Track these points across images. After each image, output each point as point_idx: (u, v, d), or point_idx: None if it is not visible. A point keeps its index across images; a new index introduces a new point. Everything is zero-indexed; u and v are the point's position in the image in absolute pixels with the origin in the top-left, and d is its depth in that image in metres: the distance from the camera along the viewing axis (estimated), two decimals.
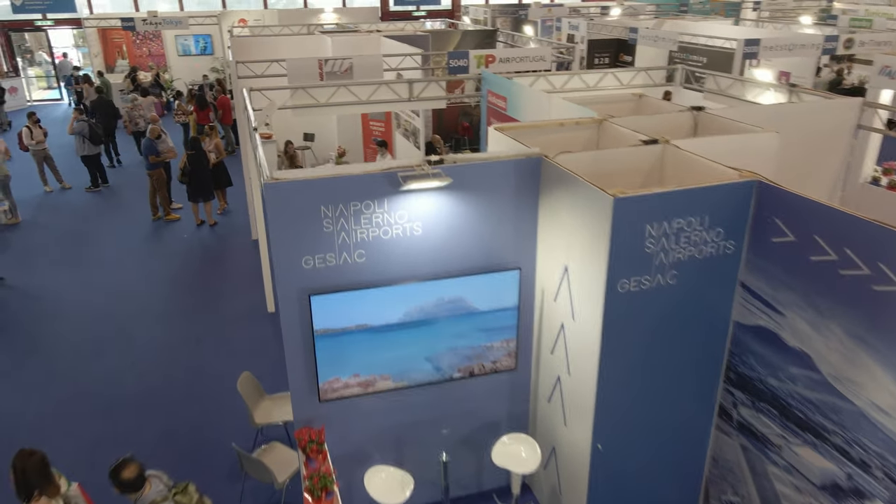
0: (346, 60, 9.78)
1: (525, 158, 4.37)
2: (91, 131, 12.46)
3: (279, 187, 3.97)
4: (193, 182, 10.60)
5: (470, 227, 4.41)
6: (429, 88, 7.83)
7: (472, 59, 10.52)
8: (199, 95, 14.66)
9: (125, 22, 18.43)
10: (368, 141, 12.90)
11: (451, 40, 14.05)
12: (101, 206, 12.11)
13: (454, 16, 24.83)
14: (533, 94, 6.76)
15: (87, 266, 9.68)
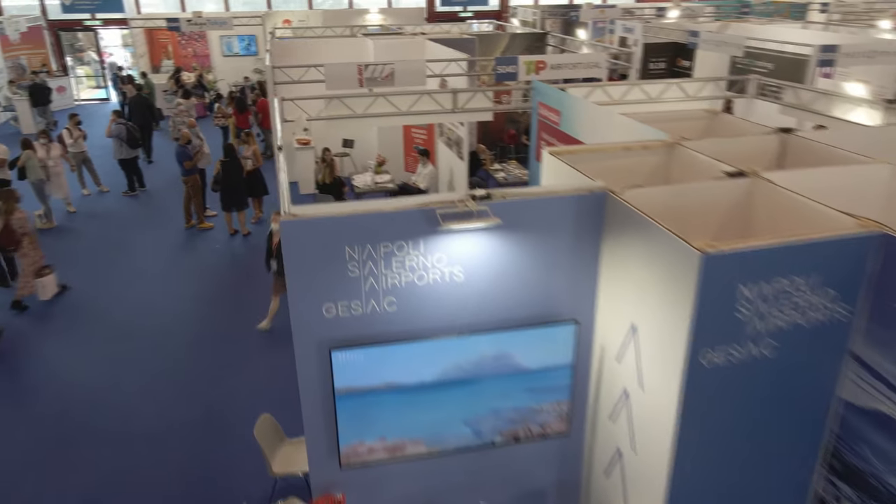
0: (388, 66, 9.25)
1: (587, 194, 3.70)
2: (129, 134, 12.24)
3: (298, 225, 3.40)
4: (226, 191, 10.22)
5: (520, 272, 3.76)
6: (474, 99, 7.21)
7: (522, 65, 9.87)
8: (238, 98, 14.36)
9: (170, 22, 18.34)
10: (410, 149, 12.34)
11: (498, 44, 13.39)
12: (135, 212, 11.86)
13: (502, 17, 24.13)
14: (590, 109, 6.05)
15: (113, 278, 9.37)
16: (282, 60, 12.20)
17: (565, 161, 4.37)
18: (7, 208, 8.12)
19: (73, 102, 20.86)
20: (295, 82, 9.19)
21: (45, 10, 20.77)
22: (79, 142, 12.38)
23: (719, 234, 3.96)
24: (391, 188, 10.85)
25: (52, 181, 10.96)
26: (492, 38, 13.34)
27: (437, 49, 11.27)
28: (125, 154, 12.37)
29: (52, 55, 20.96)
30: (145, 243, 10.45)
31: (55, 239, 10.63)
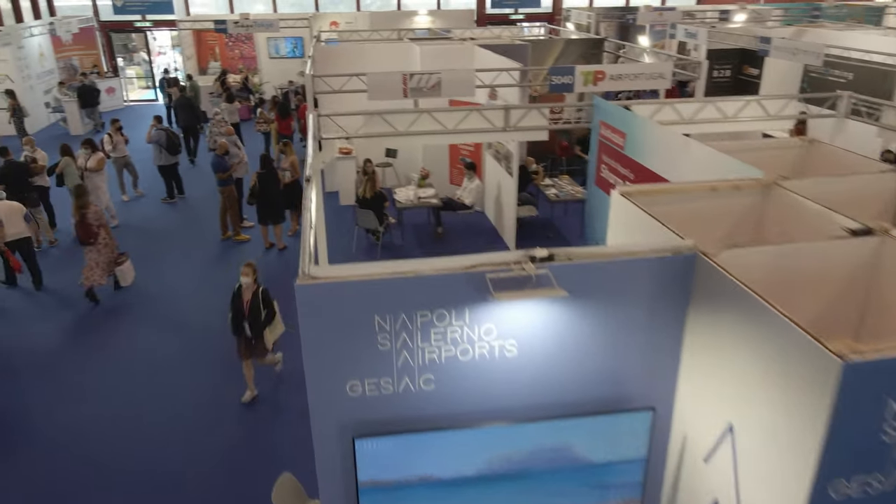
0: (434, 75, 8.62)
1: (672, 256, 2.99)
2: (168, 141, 11.96)
3: (319, 290, 2.80)
4: (262, 204, 9.78)
5: (586, 348, 3.08)
6: (528, 116, 6.52)
7: (578, 76, 9.12)
8: (281, 104, 13.98)
9: (218, 24, 18.18)
10: (455, 161, 11.72)
11: (552, 50, 12.64)
12: (171, 221, 11.56)
13: (554, 19, 23.28)
14: (662, 134, 5.31)
15: (141, 294, 9.01)
16: (325, 66, 11.75)
17: (639, 205, 3.66)
18: (82, 203, 8.36)
19: (123, 103, 20.97)
20: (335, 92, 8.67)
21: (97, 11, 20.93)
22: (120, 147, 12.19)
23: (837, 311, 3.21)
24: (435, 203, 10.24)
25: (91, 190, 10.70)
26: (545, 45, 12.60)
27: (487, 56, 10.61)
28: (164, 160, 12.11)
29: (103, 56, 21.11)
30: (179, 255, 10.10)
31: None
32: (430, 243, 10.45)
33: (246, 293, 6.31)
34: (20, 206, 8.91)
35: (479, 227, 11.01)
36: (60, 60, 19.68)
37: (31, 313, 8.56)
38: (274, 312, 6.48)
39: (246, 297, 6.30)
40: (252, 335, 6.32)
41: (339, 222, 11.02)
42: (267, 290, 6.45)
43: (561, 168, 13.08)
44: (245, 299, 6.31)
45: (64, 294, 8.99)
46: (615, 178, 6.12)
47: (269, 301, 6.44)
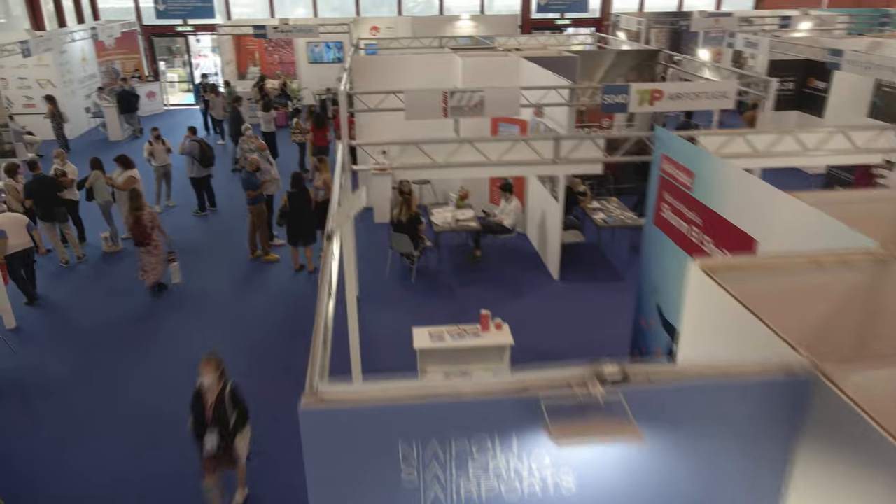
0: (476, 93, 8.02)
1: (780, 379, 2.32)
2: (202, 152, 11.64)
3: (330, 416, 2.22)
4: (292, 224, 9.33)
5: (664, 488, 2.44)
6: (582, 147, 5.87)
7: (633, 95, 8.39)
8: (317, 114, 13.55)
9: (257, 29, 17.93)
10: (498, 179, 11.07)
11: (601, 62, 11.89)
12: (201, 236, 11.20)
13: (602, 25, 22.43)
14: (740, 180, 4.58)
15: (163, 318, 8.64)
16: (362, 78, 11.26)
17: (725, 285, 2.98)
18: (137, 205, 8.59)
19: (163, 107, 20.94)
20: (371, 110, 8.15)
21: (140, 15, 20.93)
22: (160, 155, 11.93)
23: None
24: (474, 227, 9.63)
25: (121, 206, 10.43)
26: (593, 57, 11.86)
27: (533, 70, 9.95)
28: (196, 172, 11.79)
29: (144, 60, 21.10)
30: (205, 275, 9.72)
31: (113, 264, 10.11)
32: (467, 268, 9.84)
33: (208, 395, 5.00)
34: (23, 218, 8.77)
35: (521, 250, 10.36)
36: (103, 65, 19.71)
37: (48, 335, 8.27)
38: (245, 415, 5.23)
39: (209, 399, 4.99)
40: (220, 444, 5.03)
41: (373, 242, 10.51)
42: (236, 388, 5.14)
43: (609, 187, 12.33)
44: (207, 402, 5.00)
45: (84, 311, 8.68)
46: (679, 220, 5.42)
47: (240, 400, 5.16)
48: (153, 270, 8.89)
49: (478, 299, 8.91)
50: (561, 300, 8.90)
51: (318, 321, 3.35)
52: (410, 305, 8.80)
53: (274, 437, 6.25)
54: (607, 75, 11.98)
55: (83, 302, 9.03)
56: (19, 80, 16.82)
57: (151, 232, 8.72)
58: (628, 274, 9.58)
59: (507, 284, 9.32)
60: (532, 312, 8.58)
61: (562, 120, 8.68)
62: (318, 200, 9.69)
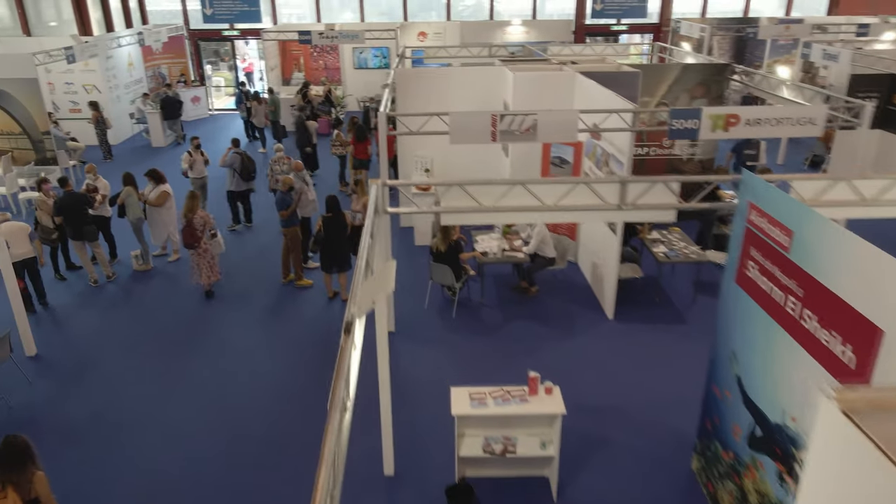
0: (529, 117, 7.26)
1: None
2: (242, 166, 11.19)
3: None
4: (327, 250, 8.73)
5: None
6: (653, 191, 5.04)
7: (706, 120, 7.52)
8: (358, 126, 12.96)
9: (302, 35, 17.52)
10: None
11: (664, 77, 10.95)
12: (232, 254, 10.66)
13: (661, 31, 21.30)
14: (860, 250, 3.69)
15: (187, 346, 8.14)
16: (405, 92, 10.62)
17: (875, 437, 2.15)
18: (191, 206, 8.73)
19: (207, 112, 20.78)
20: (413, 133, 7.47)
21: (187, 19, 20.81)
22: (198, 167, 11.54)
23: None
24: (522, 259, 8.85)
25: (152, 224, 10.04)
26: (657, 72, 10.92)
27: (591, 88, 9.11)
28: (236, 186, 11.34)
29: (191, 65, 20.98)
30: (233, 299, 9.21)
31: (143, 283, 9.70)
32: (513, 300, 9.07)
33: None
34: (25, 226, 8.55)
35: (571, 282, 9.52)
36: (149, 69, 19.64)
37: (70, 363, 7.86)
38: None
39: None
40: None
41: (412, 268, 9.84)
42: None
43: None
44: None
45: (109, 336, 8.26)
46: (770, 285, 4.54)
47: None
48: (205, 274, 9.04)
49: (523, 339, 8.15)
50: (616, 343, 8.05)
51: (327, 444, 2.65)
52: (450, 344, 8.09)
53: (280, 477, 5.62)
54: (670, 91, 11.03)
55: (109, 325, 8.62)
56: (66, 85, 16.81)
57: (202, 236, 8.84)
58: (691, 315, 8.66)
59: (556, 322, 8.52)
60: (583, 357, 7.76)
61: (622, 145, 7.83)
62: (355, 225, 9.08)
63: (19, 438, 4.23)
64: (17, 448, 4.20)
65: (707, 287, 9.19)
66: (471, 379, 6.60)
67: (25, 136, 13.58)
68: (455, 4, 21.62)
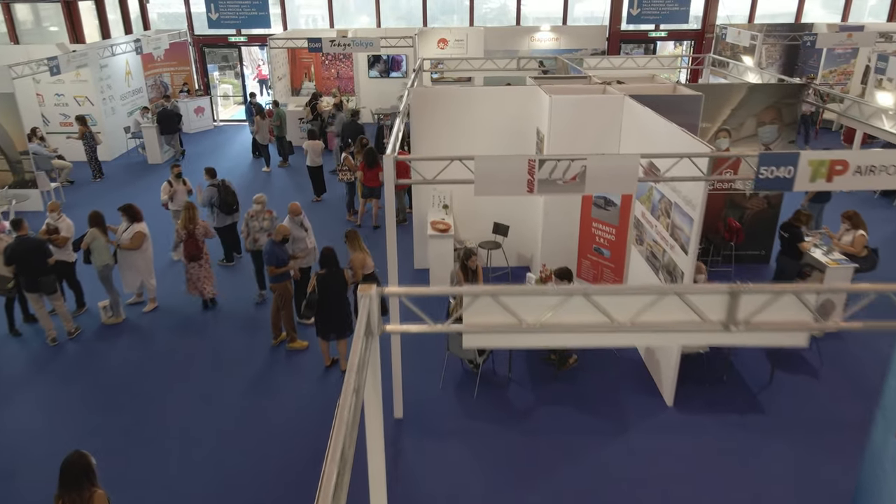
0: (576, 163, 5.69)
1: None
2: (221, 199, 9.73)
3: None
4: (323, 314, 7.21)
5: None
6: (776, 304, 3.40)
7: (804, 167, 5.88)
8: (368, 150, 11.43)
9: (312, 42, 16.04)
10: (588, 248, 8.66)
11: (726, 99, 9.26)
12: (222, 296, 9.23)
13: (704, 37, 19.52)
14: None
15: (153, 430, 6.66)
16: (421, 116, 9.07)
17: None
18: (189, 217, 8.40)
19: (212, 124, 19.42)
20: (429, 182, 5.91)
21: (191, 24, 19.47)
22: (179, 197, 10.10)
23: None
24: None
25: (124, 268, 8.61)
26: (719, 93, 9.22)
27: (643, 115, 7.47)
28: (219, 222, 9.89)
29: (195, 73, 19.63)
30: (214, 366, 7.74)
31: (112, 340, 8.26)
32: (546, 376, 7.47)
33: None
34: None
35: (619, 358, 7.88)
36: (150, 78, 18.32)
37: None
38: None
39: None
40: None
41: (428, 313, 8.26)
42: None
43: (726, 252, 9.68)
44: None
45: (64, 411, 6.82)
46: None
47: None
48: (206, 284, 8.77)
49: (560, 432, 6.56)
50: (678, 442, 6.41)
51: None
52: (469, 437, 6.52)
53: None
54: (733, 116, 9.35)
55: (60, 400, 7.18)
56: (56, 96, 15.51)
57: (204, 245, 8.64)
58: (769, 400, 6.98)
59: (601, 409, 6.91)
60: (635, 459, 6.15)
61: (692, 194, 6.21)
62: (353, 281, 7.57)
63: (79, 456, 4.30)
64: (78, 467, 4.25)
65: (785, 360, 7.52)
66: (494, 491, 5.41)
67: (1, 156, 12.27)
68: (478, 6, 20.03)
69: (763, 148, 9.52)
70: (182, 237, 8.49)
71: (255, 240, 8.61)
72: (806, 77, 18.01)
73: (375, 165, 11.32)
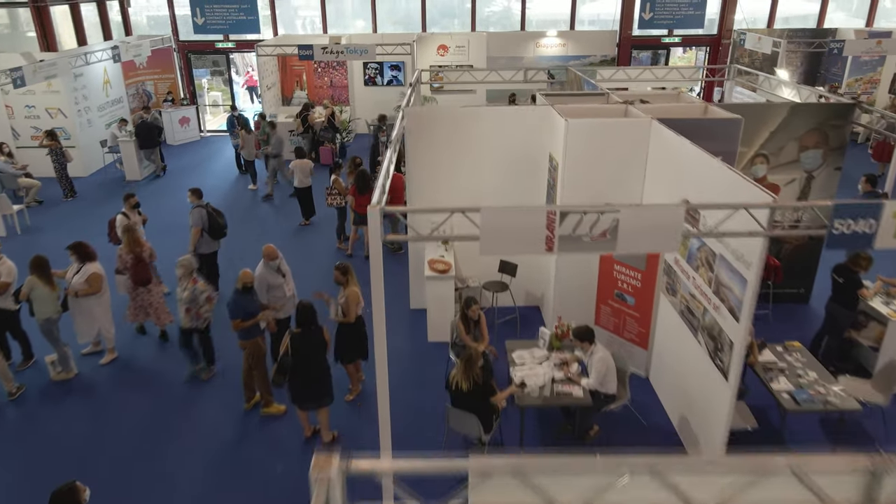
0: (606, 216, 4.61)
1: None
2: (211, 221, 8.66)
3: None
4: (297, 379, 6.10)
5: None
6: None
7: (887, 222, 4.80)
8: (360, 172, 10.30)
9: (302, 50, 14.94)
10: (608, 294, 7.53)
11: (765, 121, 8.14)
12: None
13: (720, 44, 18.40)
14: None
15: None
16: (417, 140, 7.97)
17: None
18: (135, 238, 7.77)
19: (199, 135, 18.30)
20: (424, 239, 4.81)
21: (176, 30, 18.35)
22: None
23: None
24: (580, 401, 6.09)
25: (77, 317, 7.50)
26: (756, 115, 8.08)
27: (674, 143, 6.36)
28: (205, 248, 8.80)
29: (180, 81, 18.51)
30: (177, 436, 6.63)
31: (60, 400, 7.14)
32: (562, 450, 6.35)
33: None
34: None
35: (645, 414, 6.77)
36: (132, 86, 17.22)
37: None
38: None
39: None
40: None
41: (421, 382, 7.18)
42: None
43: (763, 292, 8.55)
44: None
45: None
46: None
47: None
48: (160, 313, 8.03)
49: None
50: None
51: None
52: None
53: None
54: (772, 139, 8.23)
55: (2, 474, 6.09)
56: (27, 108, 14.40)
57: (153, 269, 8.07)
58: None
59: None
60: None
61: (746, 250, 5.10)
62: (338, 321, 6.48)
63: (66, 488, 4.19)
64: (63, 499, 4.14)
65: (846, 437, 6.39)
66: None
67: None
68: (480, 8, 18.92)
69: (805, 175, 8.41)
70: (127, 262, 7.67)
71: (198, 316, 7.05)
72: (830, 86, 16.90)
73: (368, 190, 10.21)
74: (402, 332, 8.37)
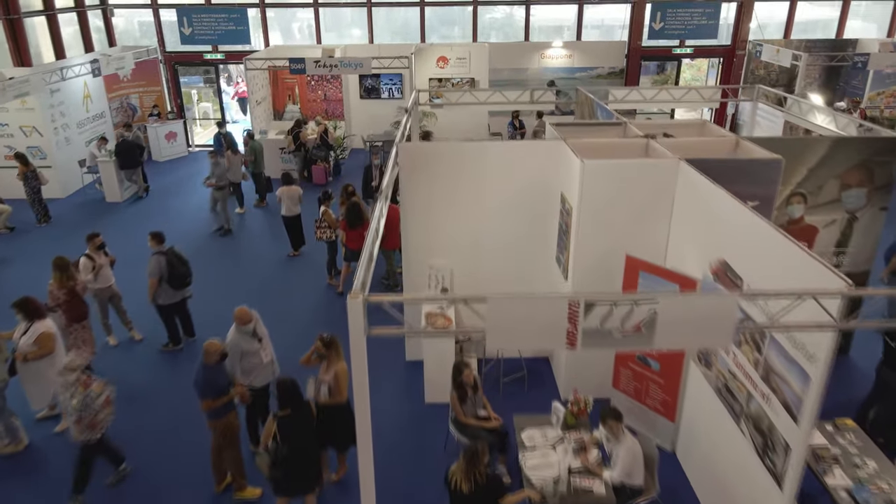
0: (642, 307, 3.74)
1: None
2: (171, 268, 7.80)
3: None
4: (288, 468, 5.23)
5: None
6: None
7: None
8: (351, 205, 9.42)
9: (294, 63, 14.11)
10: (629, 356, 6.62)
11: (803, 157, 7.26)
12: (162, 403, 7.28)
13: (735, 53, 17.53)
14: None
15: None
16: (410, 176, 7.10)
17: None
18: (68, 275, 7.31)
19: (187, 151, 17.43)
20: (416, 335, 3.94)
21: (162, 40, 17.48)
22: (104, 273, 8.12)
23: None
24: (600, 498, 5.21)
25: (27, 382, 6.64)
26: (789, 148, 7.18)
27: (706, 189, 5.49)
28: (165, 298, 7.95)
29: (167, 94, 17.65)
30: None
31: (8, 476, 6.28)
32: None
33: None
34: None
35: (674, 498, 5.91)
36: (115, 100, 16.35)
37: None
38: None
39: None
40: None
41: (419, 451, 6.31)
42: None
43: None
44: None
45: None
46: None
47: None
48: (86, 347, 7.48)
49: None
50: None
51: None
52: None
53: None
54: (812, 176, 7.36)
55: None
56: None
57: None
58: None
59: None
60: None
61: (810, 342, 4.22)
62: (322, 403, 5.61)
63: None
64: None
65: None
66: None
67: None
68: (482, 15, 18.05)
69: (847, 216, 7.54)
70: (59, 298, 7.16)
71: (91, 424, 5.68)
72: (851, 100, 16.02)
73: (361, 224, 9.34)
74: (396, 391, 7.49)
